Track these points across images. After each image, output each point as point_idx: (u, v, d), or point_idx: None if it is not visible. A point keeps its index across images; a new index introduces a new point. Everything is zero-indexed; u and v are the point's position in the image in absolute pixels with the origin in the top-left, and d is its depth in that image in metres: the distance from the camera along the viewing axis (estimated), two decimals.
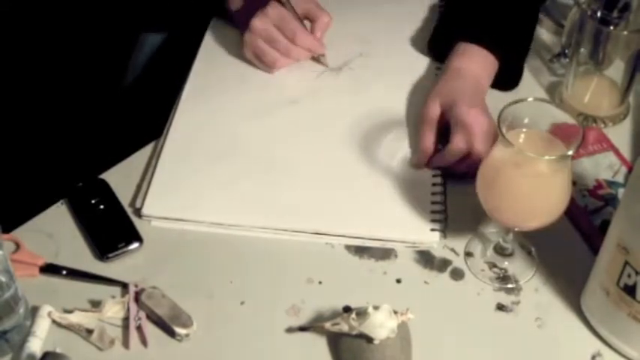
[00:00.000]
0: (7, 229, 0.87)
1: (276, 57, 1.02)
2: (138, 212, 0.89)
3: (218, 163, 0.94)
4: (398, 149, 0.96)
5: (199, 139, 0.97)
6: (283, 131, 0.98)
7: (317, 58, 1.06)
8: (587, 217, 0.89)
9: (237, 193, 0.91)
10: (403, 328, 0.77)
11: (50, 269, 0.84)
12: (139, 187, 0.92)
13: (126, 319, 0.80)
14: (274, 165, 0.94)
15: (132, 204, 0.90)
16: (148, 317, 0.80)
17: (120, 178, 0.93)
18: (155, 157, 0.95)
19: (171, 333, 0.79)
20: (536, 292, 0.84)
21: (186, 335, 0.79)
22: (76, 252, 0.86)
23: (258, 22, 1.00)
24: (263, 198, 0.91)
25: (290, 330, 0.80)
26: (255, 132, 0.98)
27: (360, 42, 1.09)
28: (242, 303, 0.83)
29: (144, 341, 0.79)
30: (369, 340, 0.75)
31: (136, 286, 0.82)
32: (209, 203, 0.90)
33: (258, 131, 0.98)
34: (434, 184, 0.92)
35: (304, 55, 1.04)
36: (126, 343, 0.78)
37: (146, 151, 0.97)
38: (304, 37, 1.01)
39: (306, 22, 1.05)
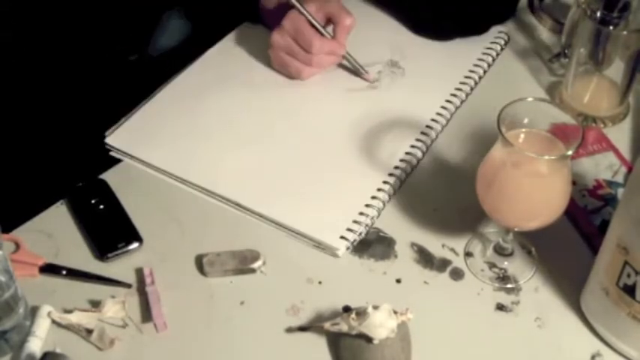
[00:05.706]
0: (7, 229, 0.87)
1: (299, 67, 1.02)
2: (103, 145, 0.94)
3: (203, 129, 0.98)
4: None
5: (192, 103, 1.01)
6: (273, 110, 1.02)
7: (357, 74, 1.04)
8: (586, 217, 0.89)
9: (207, 157, 0.95)
10: (403, 328, 0.77)
11: (50, 269, 0.84)
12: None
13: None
14: (260, 140, 0.98)
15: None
16: None
17: (120, 178, 0.93)
18: (147, 99, 1.01)
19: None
20: (536, 292, 0.84)
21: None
22: (76, 252, 0.87)
23: (278, 37, 1.01)
24: (228, 165, 0.94)
25: (290, 330, 0.80)
26: (246, 109, 1.01)
27: (391, 50, 1.08)
28: (242, 303, 0.83)
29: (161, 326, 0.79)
30: (369, 340, 0.75)
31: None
32: (180, 158, 0.94)
33: (249, 109, 1.01)
34: (373, 197, 0.90)
35: (328, 61, 1.03)
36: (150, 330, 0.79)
37: None
38: (319, 44, 1.00)
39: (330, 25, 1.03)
